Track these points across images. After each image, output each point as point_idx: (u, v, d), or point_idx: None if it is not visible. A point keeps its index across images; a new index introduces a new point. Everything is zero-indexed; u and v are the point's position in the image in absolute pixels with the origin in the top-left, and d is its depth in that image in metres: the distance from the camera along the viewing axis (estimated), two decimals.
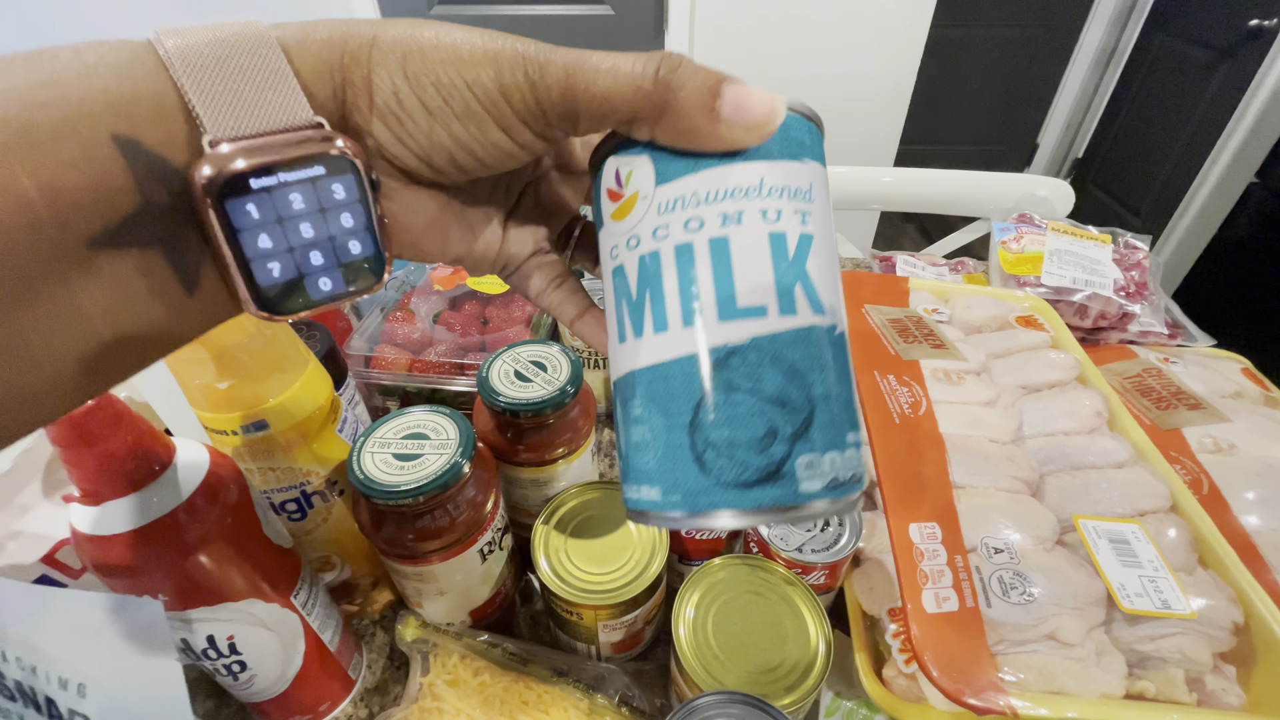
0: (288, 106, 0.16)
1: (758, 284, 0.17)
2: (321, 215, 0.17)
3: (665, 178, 0.18)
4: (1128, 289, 0.60)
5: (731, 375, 0.17)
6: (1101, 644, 0.34)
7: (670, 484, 0.18)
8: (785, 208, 0.18)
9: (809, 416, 0.17)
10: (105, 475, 0.26)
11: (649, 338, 0.18)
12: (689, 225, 0.18)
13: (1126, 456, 0.42)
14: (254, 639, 0.33)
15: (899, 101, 1.64)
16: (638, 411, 0.19)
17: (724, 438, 0.17)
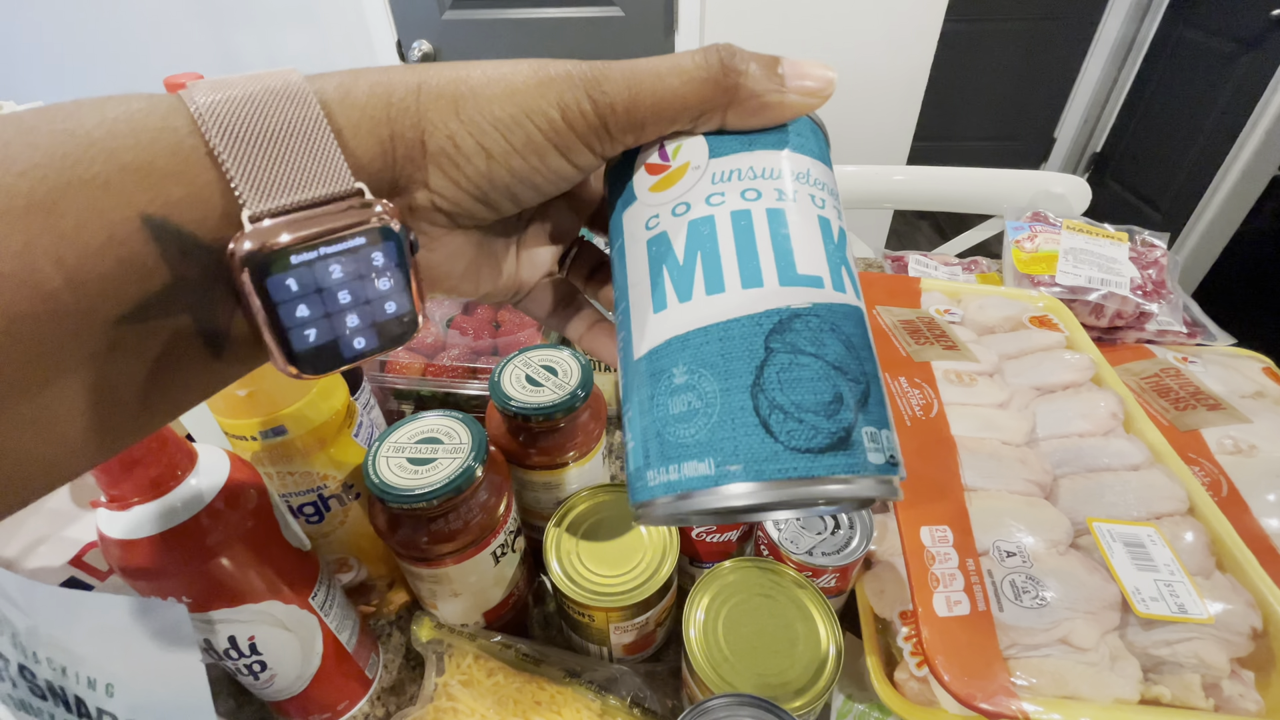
0: (329, 174, 0.16)
1: (814, 256, 0.18)
2: (359, 282, 0.17)
3: (720, 152, 0.19)
4: (1145, 287, 0.59)
5: (797, 338, 0.17)
6: (1116, 648, 0.33)
7: (728, 453, 0.16)
8: (828, 200, 0.19)
9: (866, 389, 0.17)
10: (131, 481, 0.27)
11: (700, 300, 0.18)
12: (746, 194, 0.18)
13: (1142, 458, 0.42)
14: (274, 639, 0.34)
15: (912, 98, 1.62)
16: (682, 379, 0.17)
17: (792, 400, 0.16)
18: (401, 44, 1.67)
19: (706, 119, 0.18)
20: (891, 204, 0.94)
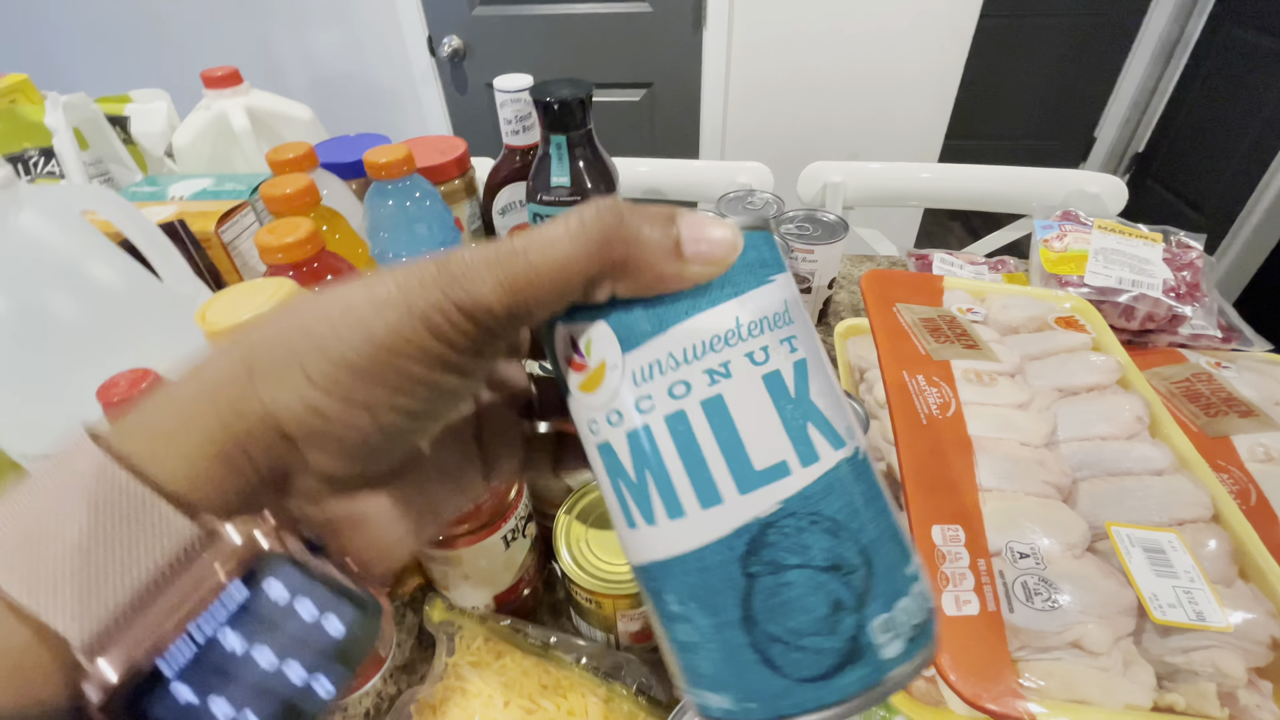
0: (161, 541, 0.13)
1: (770, 437, 0.15)
2: (271, 631, 0.13)
3: (632, 343, 0.16)
4: (1178, 290, 0.57)
5: (775, 552, 0.15)
6: (1129, 654, 0.33)
7: (741, 691, 0.15)
8: (770, 342, 0.16)
9: (868, 571, 0.15)
10: None
11: (664, 524, 0.16)
12: (674, 392, 0.15)
13: (1167, 464, 0.41)
14: None
15: (944, 95, 1.59)
16: (675, 609, 0.16)
17: (787, 629, 0.15)
18: (432, 39, 1.69)
19: (596, 290, 0.15)
20: (918, 202, 0.93)
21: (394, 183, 0.63)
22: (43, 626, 0.12)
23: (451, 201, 0.74)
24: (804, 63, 1.56)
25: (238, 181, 0.67)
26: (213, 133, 0.73)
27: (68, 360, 0.38)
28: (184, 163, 0.74)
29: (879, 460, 0.50)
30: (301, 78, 1.81)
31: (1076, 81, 2.41)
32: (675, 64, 1.63)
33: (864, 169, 0.92)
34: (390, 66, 1.77)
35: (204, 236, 0.60)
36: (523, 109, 0.67)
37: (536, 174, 0.65)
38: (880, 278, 0.57)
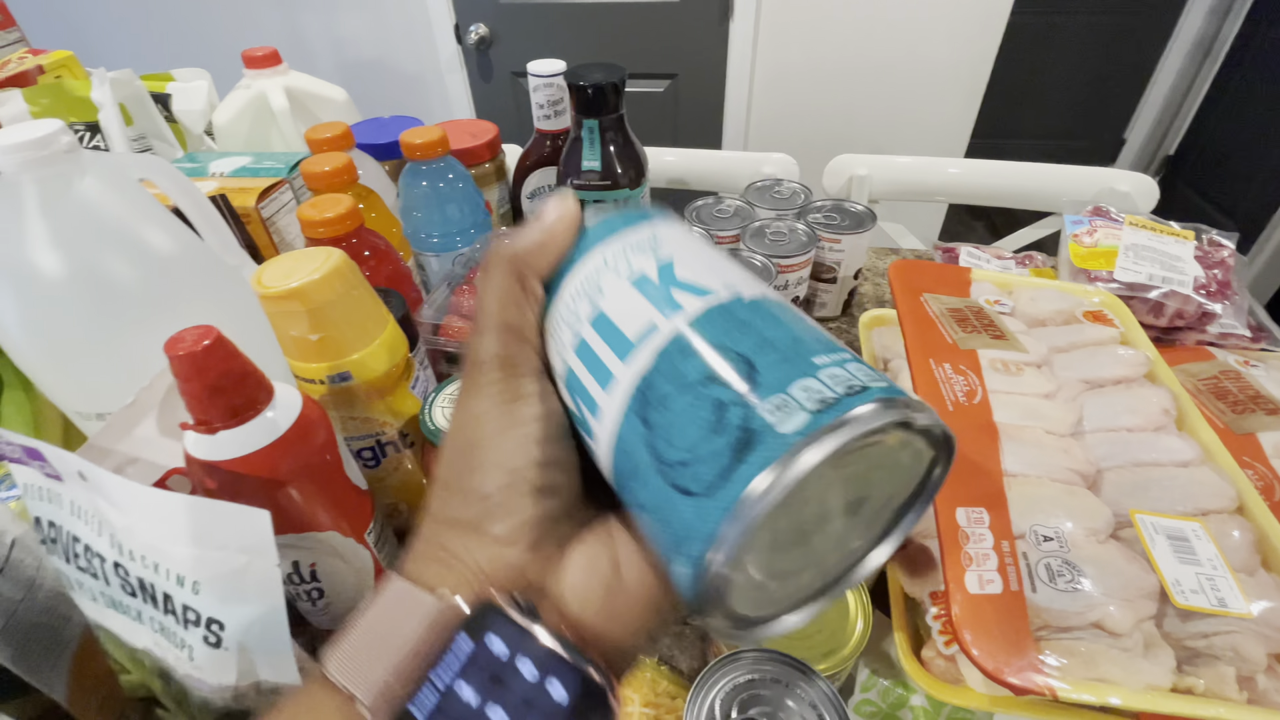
0: (413, 620, 0.17)
1: (638, 315, 0.17)
2: (497, 687, 0.15)
3: (550, 308, 0.20)
4: (1209, 288, 0.57)
5: (655, 393, 0.16)
6: (1150, 636, 0.33)
7: (684, 541, 0.15)
8: (634, 258, 0.19)
9: (749, 366, 0.15)
10: (217, 408, 0.30)
11: (595, 429, 0.17)
12: (574, 322, 0.19)
13: (1193, 456, 0.41)
14: (332, 569, 0.36)
15: (973, 91, 1.58)
16: (630, 498, 0.17)
17: (684, 448, 0.15)
18: (459, 27, 1.70)
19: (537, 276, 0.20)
20: (945, 197, 0.92)
21: (428, 164, 0.64)
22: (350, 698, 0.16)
23: (482, 185, 0.75)
24: (830, 56, 1.55)
25: (275, 160, 0.69)
26: (251, 112, 0.74)
27: (124, 323, 0.39)
28: (223, 141, 0.76)
29: None
30: (330, 63, 1.84)
31: (1108, 81, 2.38)
32: (701, 55, 1.63)
33: (891, 162, 0.92)
34: (416, 53, 1.78)
35: (244, 212, 0.62)
36: (555, 94, 0.68)
37: (567, 158, 0.66)
38: (908, 267, 0.57)
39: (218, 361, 0.29)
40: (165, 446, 0.38)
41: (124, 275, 0.39)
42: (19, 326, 0.39)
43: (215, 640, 0.27)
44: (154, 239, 0.40)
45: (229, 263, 0.47)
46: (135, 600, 0.29)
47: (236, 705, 0.28)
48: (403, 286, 0.57)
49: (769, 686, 0.31)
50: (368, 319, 0.38)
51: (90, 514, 0.28)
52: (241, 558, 0.25)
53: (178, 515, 0.25)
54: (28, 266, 0.37)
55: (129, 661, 0.31)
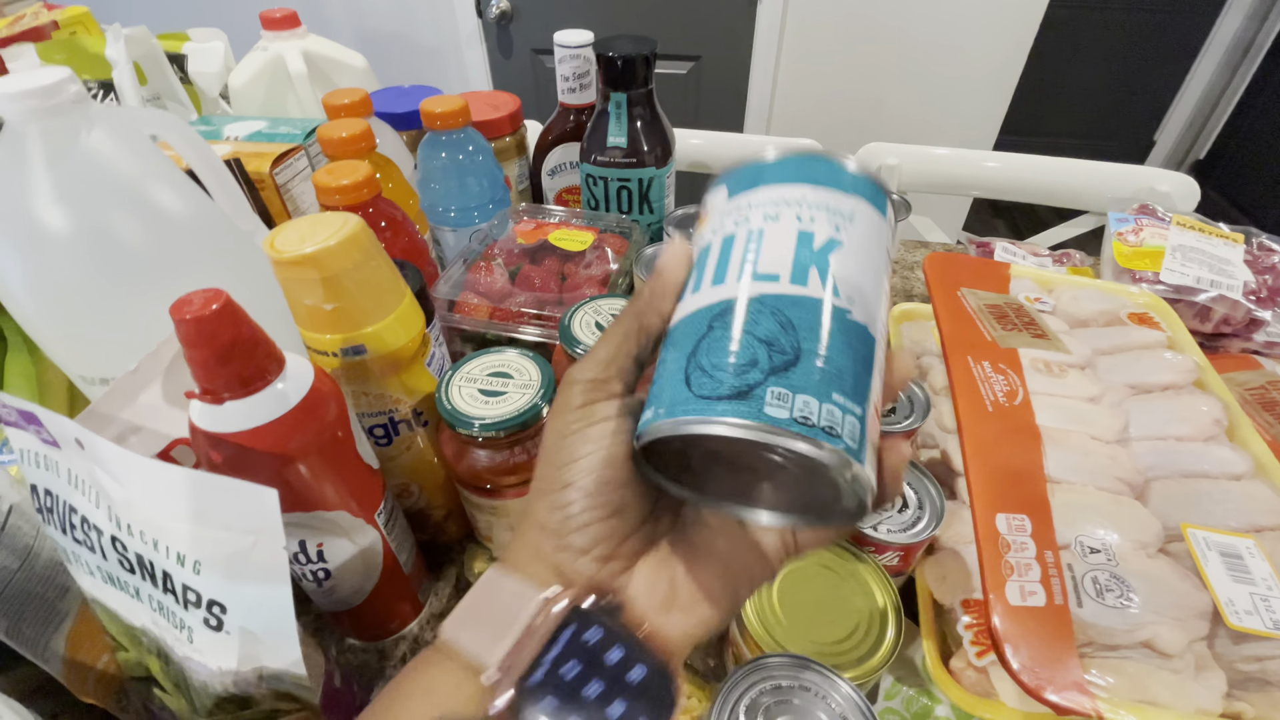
0: (525, 610, 0.20)
1: (777, 259, 0.20)
2: (593, 666, 0.19)
3: (733, 194, 0.23)
4: (1258, 293, 0.55)
5: (732, 318, 0.19)
6: (1202, 658, 0.31)
7: (660, 402, 0.19)
8: (820, 217, 0.21)
9: (793, 360, 0.18)
10: (224, 377, 0.28)
11: (686, 297, 0.22)
12: (738, 222, 0.22)
13: (1245, 469, 0.39)
14: (339, 549, 0.35)
15: (1004, 86, 1.54)
16: (663, 354, 0.21)
17: (709, 361, 0.19)
18: (480, 1, 1.67)
19: None
20: (979, 191, 0.89)
21: (448, 134, 0.62)
22: (461, 658, 0.20)
23: (503, 159, 0.73)
24: (859, 43, 1.51)
25: (292, 125, 0.67)
26: (268, 75, 0.72)
27: (131, 284, 0.38)
28: (238, 104, 0.74)
29: (931, 448, 0.49)
30: (348, 32, 1.81)
31: (1140, 80, 2.32)
32: (726, 37, 1.59)
33: (924, 153, 0.89)
34: (436, 25, 1.75)
35: (258, 177, 0.60)
36: (581, 66, 0.66)
37: (592, 133, 0.63)
38: (944, 261, 0.55)
39: (227, 327, 0.27)
40: (170, 416, 0.36)
41: (132, 235, 0.37)
42: (22, 284, 0.37)
43: (216, 623, 0.25)
44: (164, 199, 0.38)
45: (242, 228, 0.45)
46: (133, 577, 0.27)
47: (237, 690, 0.27)
48: (419, 260, 0.55)
49: (797, 694, 0.29)
50: (384, 290, 0.36)
51: (88, 484, 0.26)
52: (247, 538, 0.23)
53: (180, 490, 0.24)
54: (32, 221, 0.35)
55: (126, 639, 0.30)
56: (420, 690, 0.20)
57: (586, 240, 0.60)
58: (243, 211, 0.47)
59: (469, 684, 0.19)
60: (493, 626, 0.20)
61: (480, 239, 0.63)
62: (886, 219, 0.22)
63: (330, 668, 0.35)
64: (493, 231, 0.64)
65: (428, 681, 0.20)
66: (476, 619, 0.20)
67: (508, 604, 0.20)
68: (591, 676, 0.19)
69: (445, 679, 0.20)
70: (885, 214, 0.22)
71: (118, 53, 0.66)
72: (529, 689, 0.18)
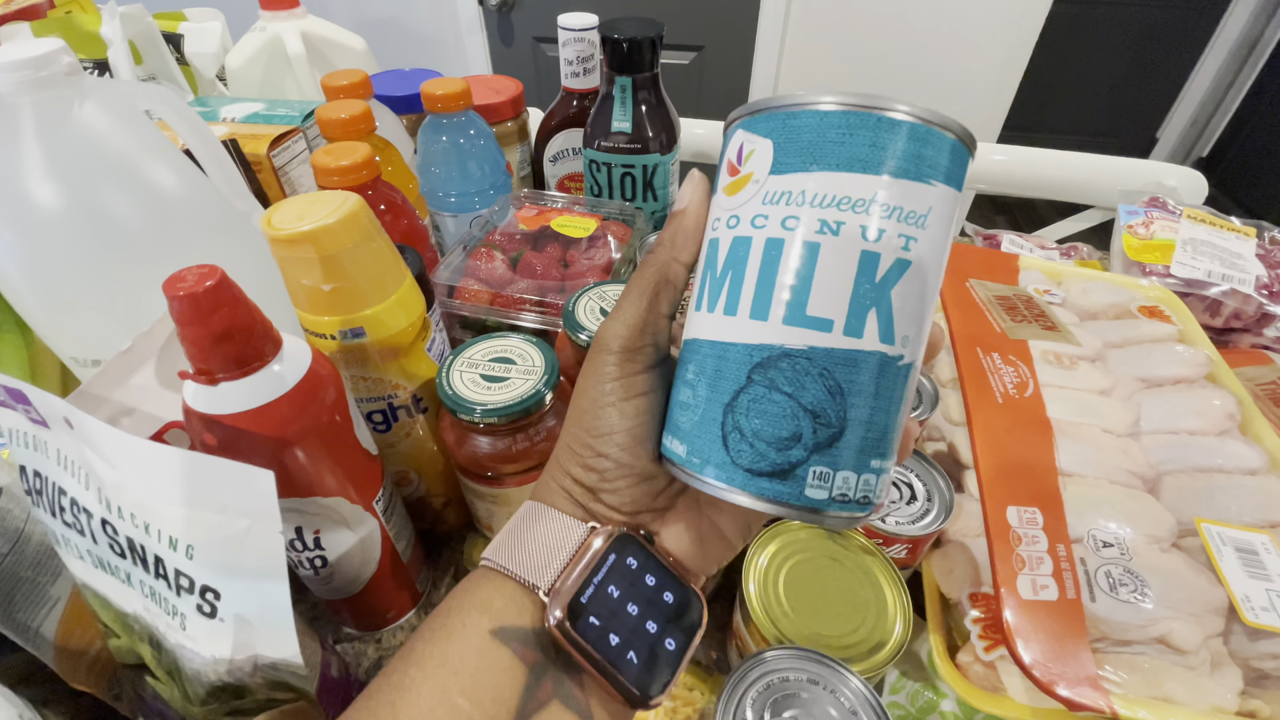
0: (570, 540, 0.22)
1: (833, 297, 0.17)
2: (635, 590, 0.21)
3: (781, 168, 0.18)
4: (1270, 288, 0.54)
5: (777, 375, 0.18)
6: (1218, 654, 0.31)
7: (696, 449, 0.20)
8: (890, 229, 0.17)
9: (838, 434, 0.18)
10: (219, 357, 0.27)
11: (719, 315, 0.19)
12: (787, 223, 0.18)
13: (1260, 463, 0.38)
14: (337, 537, 0.34)
15: (1007, 82, 1.53)
16: (690, 376, 0.20)
17: (751, 428, 0.18)
18: None
19: None
20: (986, 185, 0.88)
21: (449, 117, 0.61)
22: (518, 580, 0.21)
23: (504, 144, 0.72)
24: (863, 34, 1.50)
25: (290, 107, 0.66)
26: (266, 56, 0.71)
27: (124, 263, 0.37)
28: (235, 86, 0.73)
29: (938, 440, 0.48)
30: (346, 18, 1.79)
31: (1144, 77, 2.31)
32: (730, 28, 1.58)
33: None
34: (436, 12, 1.73)
35: (255, 159, 0.59)
36: (585, 49, 0.65)
37: (596, 118, 0.62)
38: (953, 251, 0.54)
39: (222, 304, 0.26)
40: (164, 398, 0.35)
41: (125, 212, 0.36)
42: (12, 261, 0.36)
43: (210, 610, 0.24)
44: (159, 176, 0.37)
45: (238, 208, 0.44)
46: (124, 562, 0.26)
47: (231, 679, 0.26)
48: (418, 245, 0.54)
49: (805, 687, 0.28)
50: (384, 272, 0.35)
51: (77, 465, 0.25)
52: (241, 521, 0.22)
53: (172, 472, 0.23)
54: (23, 197, 0.34)
55: (118, 626, 0.29)
56: (477, 605, 0.21)
57: (589, 227, 0.59)
58: (240, 191, 0.46)
59: (524, 600, 0.21)
60: (543, 553, 0.21)
61: (481, 225, 0.62)
62: (961, 187, 0.19)
63: (327, 657, 0.34)
64: (494, 217, 0.63)
65: (483, 597, 0.21)
66: (523, 546, 0.22)
67: (554, 534, 0.22)
68: (630, 599, 0.21)
69: (499, 594, 0.21)
70: (962, 182, 0.19)
71: (113, 31, 0.64)
72: (579, 605, 0.20)
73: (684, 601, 0.22)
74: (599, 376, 0.22)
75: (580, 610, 0.20)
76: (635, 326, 0.22)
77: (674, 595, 0.22)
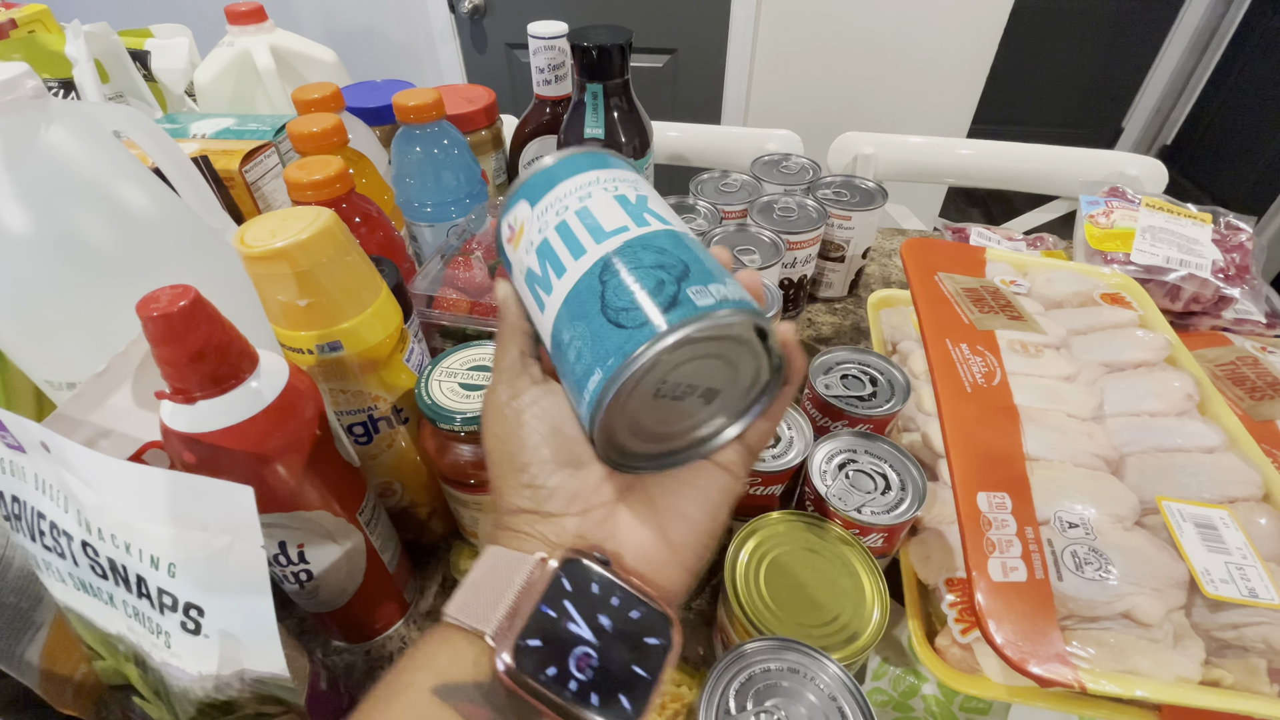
0: (519, 575, 0.21)
1: (615, 217, 0.23)
2: (592, 616, 0.20)
3: (535, 200, 0.25)
4: (1226, 271, 0.56)
5: (618, 267, 0.22)
6: (1180, 627, 0.32)
7: (603, 357, 0.21)
8: (621, 185, 0.25)
9: (685, 268, 0.22)
10: (196, 375, 0.27)
11: (555, 286, 0.23)
12: (559, 211, 0.24)
13: (1218, 441, 0.40)
14: (322, 550, 0.34)
15: (976, 75, 1.55)
16: (568, 337, 0.22)
17: (625, 300, 0.21)
18: None
19: None
20: (953, 179, 0.90)
21: (422, 128, 0.61)
22: (476, 636, 0.20)
23: (479, 152, 0.72)
24: (833, 35, 1.52)
25: (261, 122, 0.65)
26: (235, 71, 0.71)
27: (97, 285, 0.36)
28: (205, 101, 0.73)
29: (913, 431, 0.49)
30: (317, 30, 1.77)
31: (1108, 69, 2.36)
32: (701, 30, 1.59)
33: (899, 141, 0.89)
34: (408, 21, 1.73)
35: (227, 175, 0.58)
36: (556, 57, 0.65)
37: (569, 125, 0.63)
38: (921, 246, 0.55)
39: (196, 323, 0.26)
40: (141, 419, 0.36)
41: (96, 234, 0.36)
42: None
43: (194, 627, 0.25)
44: (129, 196, 0.37)
45: (211, 225, 0.44)
46: (106, 583, 0.26)
47: (219, 695, 0.26)
48: (395, 256, 0.54)
49: (786, 677, 0.29)
50: (360, 285, 0.35)
51: (55, 489, 0.25)
52: (223, 538, 0.23)
53: (151, 491, 0.23)
54: None
55: (102, 647, 0.29)
56: (422, 663, 0.20)
57: None
58: (212, 208, 0.46)
59: (469, 651, 0.20)
60: (490, 594, 0.21)
61: (458, 234, 0.62)
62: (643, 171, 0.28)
63: (316, 670, 0.34)
64: (470, 226, 0.64)
65: (427, 655, 0.20)
66: (475, 594, 0.21)
67: (503, 572, 0.21)
68: (591, 628, 0.20)
69: (443, 650, 0.20)
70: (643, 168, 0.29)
71: (78, 50, 0.64)
72: (529, 647, 0.19)
73: (651, 623, 0.21)
74: (495, 412, 0.24)
75: (531, 652, 0.19)
76: (510, 369, 0.25)
77: (640, 615, 0.21)
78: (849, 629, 0.34)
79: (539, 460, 0.23)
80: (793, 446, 0.41)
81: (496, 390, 0.25)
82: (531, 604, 0.20)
